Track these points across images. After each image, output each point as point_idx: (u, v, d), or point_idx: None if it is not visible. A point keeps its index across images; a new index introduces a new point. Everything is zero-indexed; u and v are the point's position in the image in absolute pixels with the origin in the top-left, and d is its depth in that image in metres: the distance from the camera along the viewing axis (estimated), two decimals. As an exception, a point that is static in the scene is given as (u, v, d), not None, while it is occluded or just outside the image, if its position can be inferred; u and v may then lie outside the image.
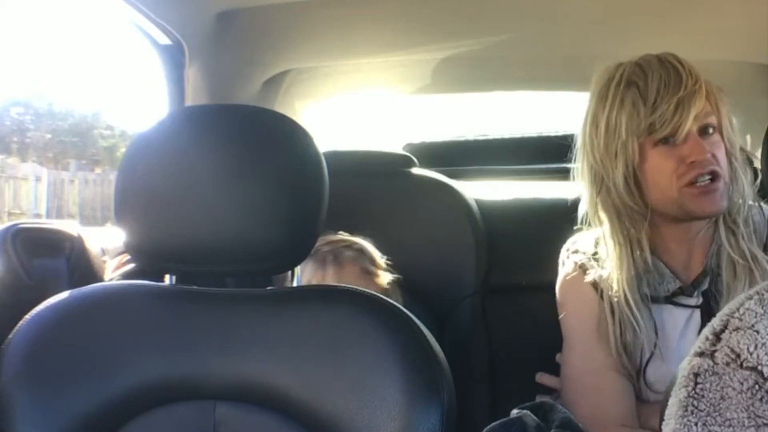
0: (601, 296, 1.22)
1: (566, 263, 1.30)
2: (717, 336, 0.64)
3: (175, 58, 1.50)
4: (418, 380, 0.90)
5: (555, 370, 1.35)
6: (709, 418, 0.61)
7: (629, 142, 1.17)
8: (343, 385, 0.91)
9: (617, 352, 1.19)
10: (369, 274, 1.39)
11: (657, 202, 1.19)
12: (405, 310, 0.96)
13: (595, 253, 1.26)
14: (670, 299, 1.21)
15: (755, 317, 0.63)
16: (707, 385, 0.62)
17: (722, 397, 0.61)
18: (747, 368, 0.61)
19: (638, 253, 1.21)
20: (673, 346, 1.20)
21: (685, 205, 1.17)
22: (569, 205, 1.62)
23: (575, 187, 1.73)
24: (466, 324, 1.62)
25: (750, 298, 0.66)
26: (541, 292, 1.59)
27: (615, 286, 1.20)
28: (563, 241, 1.36)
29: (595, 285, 1.24)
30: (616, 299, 1.20)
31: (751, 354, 0.61)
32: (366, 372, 0.91)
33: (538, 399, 1.09)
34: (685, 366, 0.65)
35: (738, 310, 0.65)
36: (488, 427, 0.90)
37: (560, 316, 1.28)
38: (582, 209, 1.39)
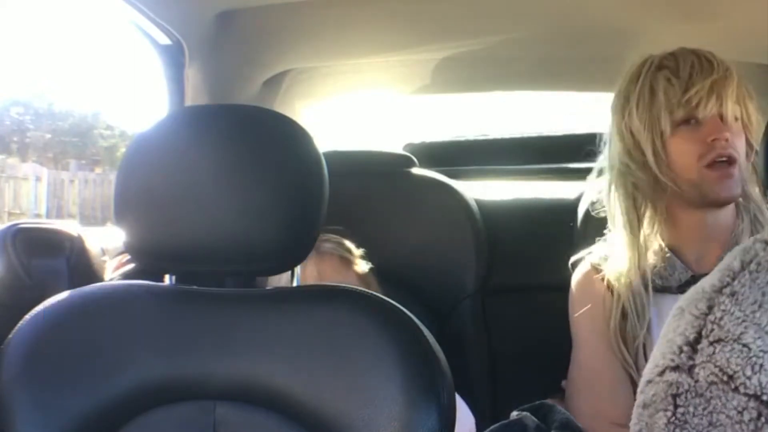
0: (612, 292, 1.24)
1: (581, 264, 1.32)
2: (692, 347, 0.54)
3: (175, 58, 1.50)
4: (418, 380, 0.90)
5: (555, 369, 1.35)
6: None
7: (663, 117, 1.20)
8: (343, 384, 0.91)
9: (615, 339, 1.21)
10: (348, 262, 1.42)
11: (677, 183, 1.22)
12: (405, 310, 0.96)
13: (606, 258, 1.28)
14: (683, 289, 1.21)
15: (737, 324, 0.53)
16: (691, 409, 0.52)
17: (711, 423, 0.52)
18: (745, 395, 0.51)
19: (650, 237, 1.24)
20: None
21: (703, 188, 1.20)
22: (570, 205, 1.62)
23: (575, 186, 1.74)
24: (466, 324, 1.62)
25: (719, 291, 0.55)
26: (541, 292, 1.59)
27: (621, 274, 1.22)
28: (564, 241, 1.36)
29: (607, 282, 1.25)
30: (620, 288, 1.22)
31: (749, 378, 0.51)
32: (366, 372, 0.91)
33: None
34: (653, 376, 0.56)
35: (712, 310, 0.54)
36: (489, 429, 0.90)
37: (571, 317, 1.29)
38: (585, 204, 1.39)
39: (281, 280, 1.22)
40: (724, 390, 0.51)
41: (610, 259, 1.26)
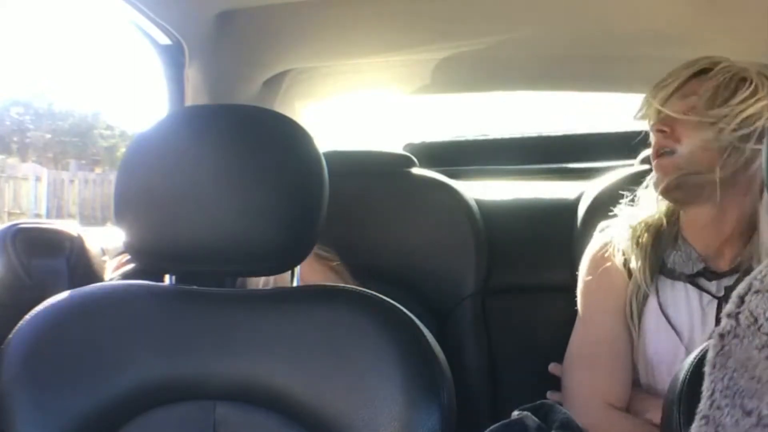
0: (626, 266, 1.25)
1: (596, 238, 1.33)
2: (741, 298, 0.67)
3: (175, 58, 1.50)
4: (418, 380, 0.90)
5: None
6: (736, 373, 0.65)
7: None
8: (343, 385, 0.91)
9: (630, 313, 1.24)
10: (322, 258, 1.44)
11: None
12: (405, 310, 0.96)
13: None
14: (692, 278, 1.22)
15: None
16: (732, 347, 0.66)
17: (748, 357, 0.65)
18: (765, 333, 0.64)
19: (672, 223, 1.27)
20: (682, 326, 1.21)
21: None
22: (570, 205, 1.62)
23: (575, 186, 1.74)
24: (466, 324, 1.62)
25: None
26: (541, 292, 1.59)
27: (637, 255, 1.24)
28: (563, 241, 1.36)
29: (623, 261, 1.26)
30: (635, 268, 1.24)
31: (767, 320, 0.64)
32: (366, 372, 0.91)
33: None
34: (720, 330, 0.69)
35: (761, 272, 0.67)
36: (489, 429, 0.90)
37: (579, 288, 1.30)
38: (585, 203, 1.38)
39: (260, 281, 1.22)
40: (753, 331, 0.65)
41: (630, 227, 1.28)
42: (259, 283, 1.24)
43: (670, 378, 0.85)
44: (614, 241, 1.28)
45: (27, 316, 0.99)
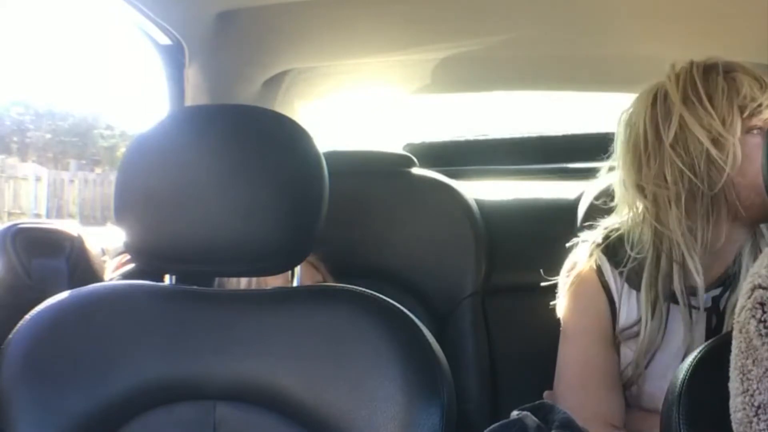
0: (605, 288, 1.22)
1: (576, 250, 1.28)
2: None
3: (175, 58, 1.50)
4: (418, 380, 0.90)
5: (555, 369, 1.35)
6: None
7: (737, 116, 1.11)
8: (343, 385, 0.91)
9: (624, 337, 1.19)
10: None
11: (744, 189, 1.11)
12: (405, 310, 0.96)
13: (609, 244, 1.24)
14: (676, 299, 1.19)
15: None
16: None
17: None
18: None
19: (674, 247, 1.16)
20: (676, 346, 1.19)
21: None
22: (569, 205, 1.62)
23: (575, 186, 1.74)
24: (466, 324, 1.62)
25: None
26: (541, 292, 1.59)
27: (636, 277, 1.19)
28: (563, 241, 1.36)
29: (601, 275, 1.23)
30: (630, 288, 1.20)
31: None
32: (366, 372, 0.91)
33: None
34: (744, 300, 0.71)
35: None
36: (488, 429, 0.90)
37: (559, 307, 1.27)
38: (585, 203, 1.37)
39: (242, 281, 1.22)
40: None
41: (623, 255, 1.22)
42: (240, 283, 1.23)
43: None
44: (591, 261, 1.24)
45: (27, 316, 0.99)
